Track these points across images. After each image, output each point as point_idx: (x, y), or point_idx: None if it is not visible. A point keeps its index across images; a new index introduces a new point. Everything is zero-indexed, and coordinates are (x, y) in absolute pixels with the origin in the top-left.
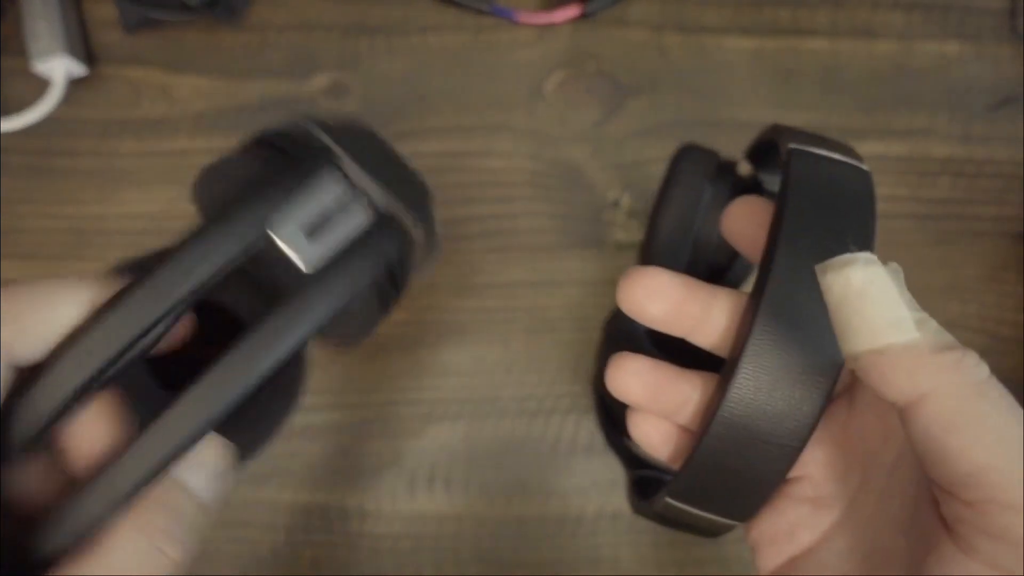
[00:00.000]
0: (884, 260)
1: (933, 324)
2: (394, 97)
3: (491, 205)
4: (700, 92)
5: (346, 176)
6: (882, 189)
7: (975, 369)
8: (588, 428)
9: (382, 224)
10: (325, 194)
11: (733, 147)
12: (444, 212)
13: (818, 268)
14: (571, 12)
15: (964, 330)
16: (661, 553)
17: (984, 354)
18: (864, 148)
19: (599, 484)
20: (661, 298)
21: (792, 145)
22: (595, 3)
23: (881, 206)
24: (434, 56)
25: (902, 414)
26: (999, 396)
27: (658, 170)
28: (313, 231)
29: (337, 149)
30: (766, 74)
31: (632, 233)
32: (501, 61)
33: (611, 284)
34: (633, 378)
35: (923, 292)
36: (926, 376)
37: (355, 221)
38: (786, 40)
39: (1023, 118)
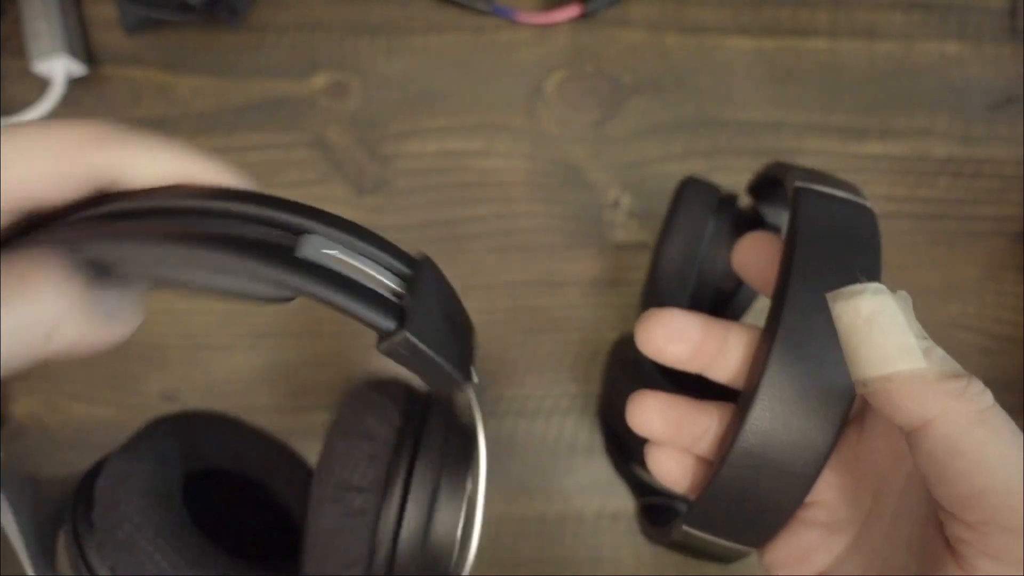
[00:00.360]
0: (884, 261)
1: (939, 352)
2: (394, 97)
3: (491, 205)
4: (700, 92)
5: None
6: (882, 189)
7: (979, 397)
8: (588, 428)
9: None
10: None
11: (733, 146)
12: (444, 212)
13: (829, 297)
14: (571, 12)
15: (964, 330)
16: (661, 553)
17: (984, 354)
18: (864, 148)
19: (599, 484)
20: (681, 340)
21: (798, 183)
22: (595, 3)
23: (881, 206)
24: (434, 56)
25: (909, 438)
26: (1002, 423)
27: (659, 170)
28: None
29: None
30: (766, 74)
31: (632, 233)
32: (501, 61)
33: (611, 284)
34: (655, 415)
35: (923, 292)
36: (932, 402)
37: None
38: (786, 40)
39: (1023, 118)
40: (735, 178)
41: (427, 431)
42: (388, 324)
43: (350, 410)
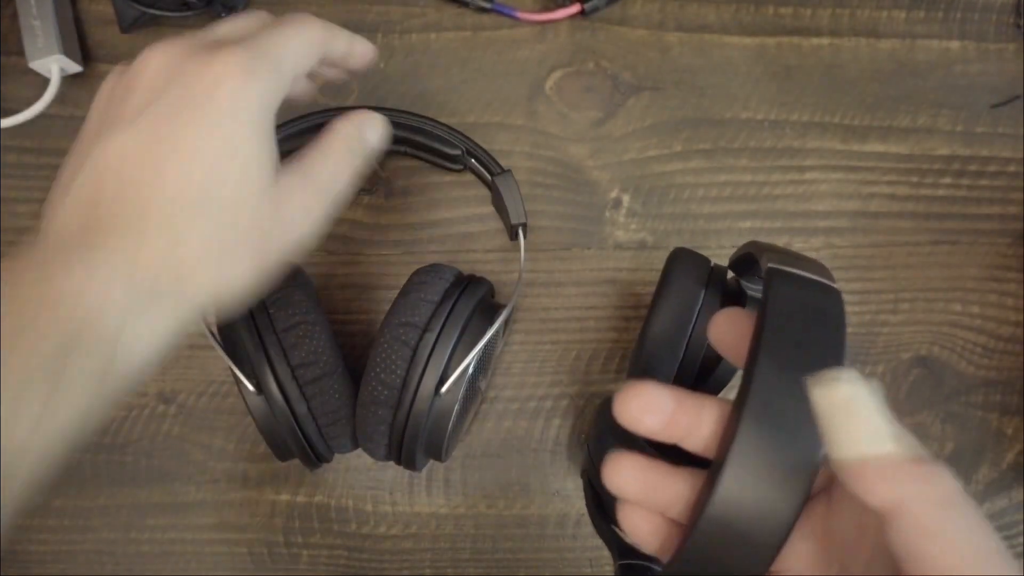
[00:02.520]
0: (886, 260)
1: (909, 439)
2: (394, 95)
3: (490, 204)
4: (701, 90)
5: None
6: (884, 188)
7: (947, 482)
8: (588, 429)
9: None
10: None
11: (734, 146)
12: (443, 211)
13: (809, 382)
14: (571, 10)
15: (966, 330)
16: None
17: (986, 354)
18: (866, 146)
19: None
20: (656, 412)
21: (771, 264)
22: (595, 1)
23: (883, 205)
24: (434, 54)
25: (882, 518)
26: (967, 506)
27: (659, 169)
28: None
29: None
30: (768, 72)
31: (632, 233)
32: (501, 59)
33: (611, 284)
34: (630, 475)
35: (925, 291)
36: (903, 485)
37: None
38: (788, 38)
39: None
40: (735, 177)
41: (458, 305)
42: (501, 170)
43: (418, 277)
